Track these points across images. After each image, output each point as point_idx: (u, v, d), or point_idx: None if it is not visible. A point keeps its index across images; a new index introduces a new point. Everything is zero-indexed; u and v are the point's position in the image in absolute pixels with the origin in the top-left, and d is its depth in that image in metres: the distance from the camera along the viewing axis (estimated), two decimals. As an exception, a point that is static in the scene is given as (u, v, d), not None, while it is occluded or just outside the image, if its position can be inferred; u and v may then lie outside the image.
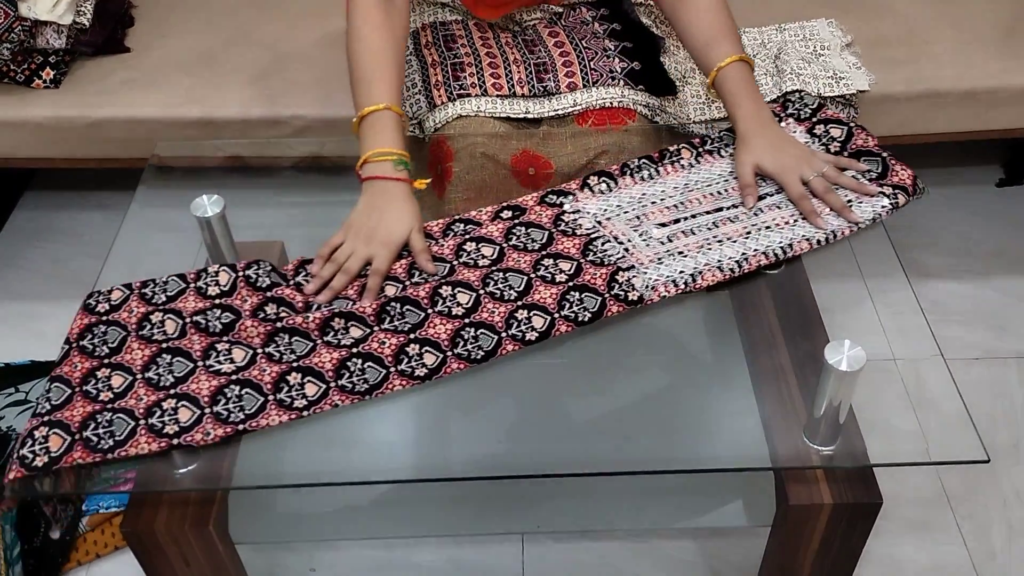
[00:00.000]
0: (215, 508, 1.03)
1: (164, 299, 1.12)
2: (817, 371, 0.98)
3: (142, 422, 0.99)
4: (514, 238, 1.17)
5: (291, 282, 1.14)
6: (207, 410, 1.00)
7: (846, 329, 1.13)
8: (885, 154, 1.23)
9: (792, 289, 1.18)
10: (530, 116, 1.34)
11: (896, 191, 1.20)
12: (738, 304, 1.18)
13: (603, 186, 1.24)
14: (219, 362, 1.04)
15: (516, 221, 1.19)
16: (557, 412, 1.11)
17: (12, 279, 1.89)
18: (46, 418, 0.99)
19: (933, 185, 2.01)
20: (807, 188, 1.19)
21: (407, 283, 1.13)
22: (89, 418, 0.99)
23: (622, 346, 1.14)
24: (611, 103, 1.35)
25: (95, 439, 0.97)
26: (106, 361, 1.05)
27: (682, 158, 1.28)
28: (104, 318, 1.10)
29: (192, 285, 1.13)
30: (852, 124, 1.28)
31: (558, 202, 1.22)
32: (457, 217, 1.22)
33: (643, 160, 1.27)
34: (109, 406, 1.00)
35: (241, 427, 0.99)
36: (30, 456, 0.96)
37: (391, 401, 1.03)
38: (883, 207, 1.18)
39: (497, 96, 1.35)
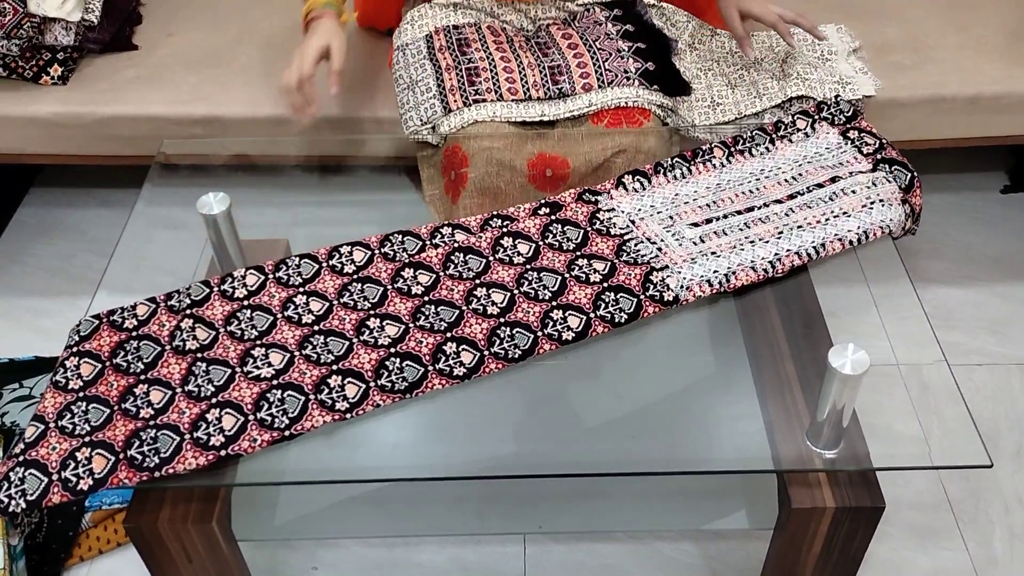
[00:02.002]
0: (218, 505, 1.03)
1: (188, 302, 1.11)
2: (820, 375, 0.98)
3: (187, 436, 0.98)
4: (551, 236, 1.18)
5: (324, 265, 1.15)
6: (251, 416, 1.00)
7: (850, 334, 1.14)
8: (915, 173, 1.24)
9: (796, 293, 1.18)
10: (546, 119, 1.35)
11: (912, 209, 1.22)
12: (742, 308, 1.19)
13: (637, 185, 1.25)
14: (257, 367, 1.04)
15: (553, 217, 1.20)
16: (561, 414, 1.12)
17: (17, 275, 1.90)
18: (87, 439, 0.98)
19: (937, 191, 2.01)
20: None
21: (442, 275, 1.14)
22: (133, 436, 0.98)
23: (626, 349, 1.14)
24: (626, 103, 1.35)
25: (140, 457, 0.96)
26: (143, 377, 1.04)
27: (714, 157, 1.29)
28: (134, 333, 1.09)
29: (217, 289, 1.13)
30: (885, 139, 1.29)
31: (594, 199, 1.23)
32: (495, 213, 1.23)
33: (676, 159, 1.28)
34: (152, 423, 0.99)
35: (287, 432, 0.99)
36: (74, 479, 0.95)
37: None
38: (904, 216, 1.20)
39: (512, 100, 1.35)
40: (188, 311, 1.11)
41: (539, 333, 1.08)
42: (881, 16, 1.78)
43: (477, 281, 1.13)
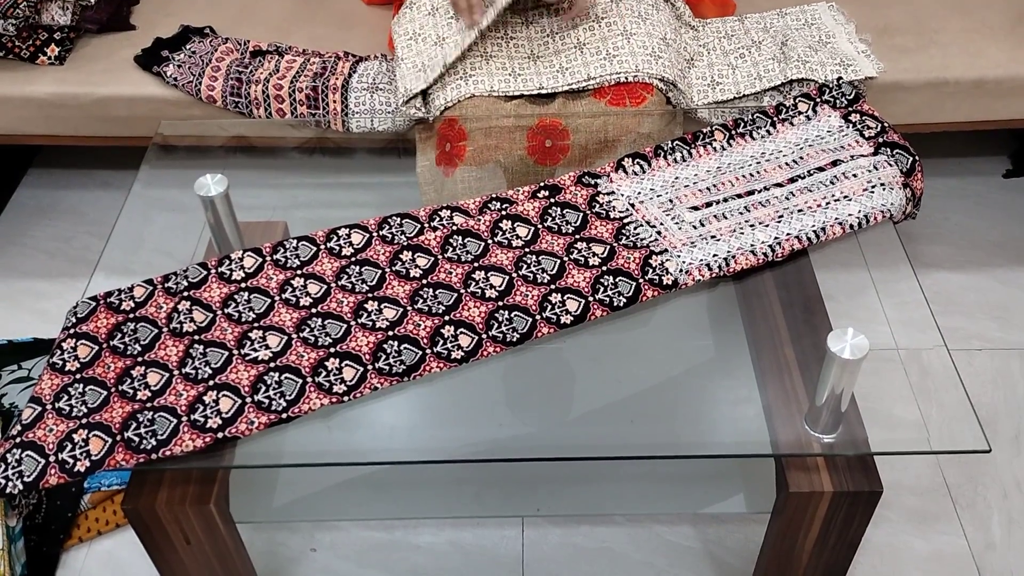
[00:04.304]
0: (216, 487, 1.03)
1: (186, 284, 1.11)
2: (820, 359, 0.97)
3: (185, 419, 0.98)
4: (549, 219, 1.17)
5: (322, 248, 1.15)
6: (248, 399, 0.99)
7: (850, 318, 1.13)
8: (916, 157, 1.23)
9: (796, 277, 1.18)
10: (544, 91, 1.34)
11: (913, 193, 1.21)
12: (742, 292, 1.18)
13: (637, 168, 1.24)
14: (255, 349, 1.04)
15: (552, 200, 1.20)
16: (559, 397, 1.11)
17: (15, 256, 1.89)
18: (84, 421, 0.98)
19: (939, 175, 2.00)
20: None
21: (440, 258, 1.13)
22: (130, 418, 0.98)
23: (625, 333, 1.14)
24: (626, 78, 1.34)
25: (137, 439, 0.96)
26: (140, 359, 1.04)
27: (715, 140, 1.28)
28: (131, 315, 1.09)
29: (214, 271, 1.13)
30: (887, 123, 1.28)
31: (593, 183, 1.23)
32: (493, 195, 1.22)
33: (676, 142, 1.28)
34: (149, 405, 0.99)
35: (285, 415, 0.99)
36: (71, 461, 0.95)
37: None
38: (904, 200, 1.19)
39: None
40: (185, 293, 1.11)
41: (537, 316, 1.07)
42: (884, -2, 1.77)
43: (475, 264, 1.13)
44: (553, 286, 1.10)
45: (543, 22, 1.43)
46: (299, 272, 1.13)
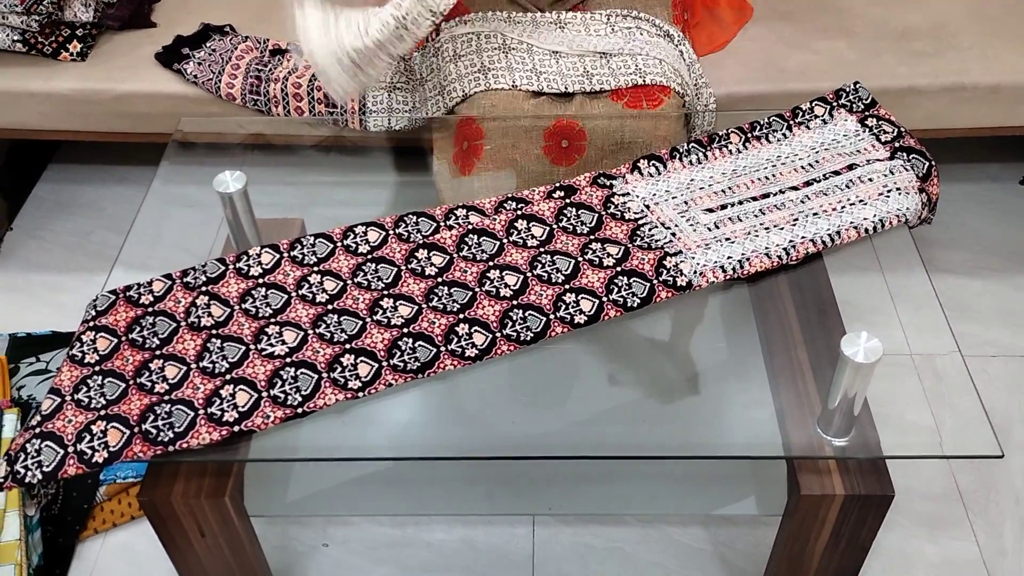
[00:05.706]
0: (231, 480, 1.04)
1: (204, 279, 1.12)
2: (833, 363, 0.98)
3: (201, 412, 0.99)
4: (564, 219, 1.18)
5: (339, 245, 1.16)
6: (264, 393, 1.01)
7: (864, 322, 1.13)
8: (933, 162, 1.23)
9: (810, 280, 1.18)
10: (569, 90, 1.34)
11: (929, 198, 1.21)
12: (756, 294, 1.18)
13: (652, 169, 1.24)
14: (271, 345, 1.05)
15: (567, 201, 1.20)
16: (572, 396, 1.12)
17: (35, 250, 1.91)
18: (102, 412, 0.99)
19: (955, 181, 2.00)
20: None
21: (455, 256, 1.14)
22: (148, 410, 0.99)
23: (639, 333, 1.14)
24: (643, 80, 1.35)
25: (155, 432, 0.98)
26: (158, 352, 1.05)
27: (731, 142, 1.28)
28: (150, 309, 1.10)
29: (232, 267, 1.14)
30: (903, 127, 1.28)
31: (608, 184, 1.23)
32: (509, 195, 1.23)
33: (692, 144, 1.28)
34: (166, 397, 1.01)
35: (300, 409, 1.00)
36: (89, 452, 0.96)
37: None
38: (920, 205, 1.19)
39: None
40: (204, 288, 1.12)
41: (551, 316, 1.08)
42: (903, 2, 1.76)
43: (491, 263, 1.14)
44: (567, 286, 1.11)
45: (565, 17, 1.44)
46: (316, 269, 1.14)
